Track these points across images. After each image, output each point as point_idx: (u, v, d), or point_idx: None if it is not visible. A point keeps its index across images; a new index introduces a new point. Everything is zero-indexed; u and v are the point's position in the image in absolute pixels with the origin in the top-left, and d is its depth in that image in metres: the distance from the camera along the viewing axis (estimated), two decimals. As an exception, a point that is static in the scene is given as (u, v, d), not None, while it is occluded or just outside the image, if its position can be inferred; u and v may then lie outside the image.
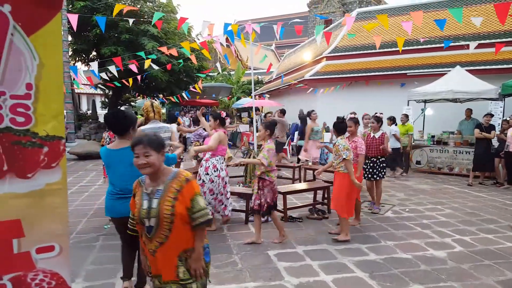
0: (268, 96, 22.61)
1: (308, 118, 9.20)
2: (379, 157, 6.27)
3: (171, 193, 2.10)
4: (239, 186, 7.12)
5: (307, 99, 15.81)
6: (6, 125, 1.34)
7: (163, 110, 23.02)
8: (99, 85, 17.03)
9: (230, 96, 24.87)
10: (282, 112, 10.85)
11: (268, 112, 13.14)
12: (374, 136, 6.32)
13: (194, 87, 14.12)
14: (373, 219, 5.90)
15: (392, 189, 8.21)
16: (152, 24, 7.90)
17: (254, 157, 7.07)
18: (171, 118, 9.46)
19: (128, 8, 6.88)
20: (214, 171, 5.08)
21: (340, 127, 5.00)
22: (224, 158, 5.29)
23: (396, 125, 9.55)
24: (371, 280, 3.72)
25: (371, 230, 5.34)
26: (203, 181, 5.09)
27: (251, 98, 8.84)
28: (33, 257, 1.43)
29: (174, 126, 7.99)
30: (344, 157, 4.76)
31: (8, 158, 1.31)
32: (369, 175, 6.27)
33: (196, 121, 9.14)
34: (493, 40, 12.12)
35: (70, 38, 15.26)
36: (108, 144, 5.41)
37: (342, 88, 14.42)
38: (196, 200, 2.13)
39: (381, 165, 6.27)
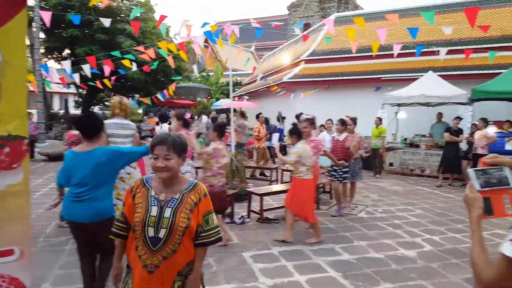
0: (247, 97, 22.65)
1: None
2: (346, 160, 6.22)
3: (188, 205, 1.91)
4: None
5: (286, 102, 15.92)
6: (-34, 124, 1.29)
7: (140, 111, 22.67)
8: (72, 85, 16.55)
9: (208, 98, 24.75)
10: (242, 114, 11.03)
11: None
12: (338, 138, 6.31)
13: (168, 90, 13.95)
14: (346, 219, 6.00)
15: (366, 190, 8.38)
16: (131, 18, 7.70)
17: (232, 159, 7.06)
18: (163, 118, 9.28)
19: (106, 3, 6.73)
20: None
21: (295, 132, 4.92)
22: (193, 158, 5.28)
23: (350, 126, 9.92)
24: (344, 280, 3.78)
25: (345, 230, 5.43)
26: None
27: (230, 99, 8.81)
28: (-8, 260, 1.38)
29: (165, 126, 7.84)
30: (287, 159, 4.81)
31: (-32, 158, 1.27)
32: (338, 178, 6.25)
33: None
34: (463, 47, 12.56)
35: (42, 36, 14.79)
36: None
37: (321, 91, 14.60)
38: (212, 217, 1.99)
39: (343, 169, 6.18)
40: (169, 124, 8.57)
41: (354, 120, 6.79)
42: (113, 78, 9.13)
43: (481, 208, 1.31)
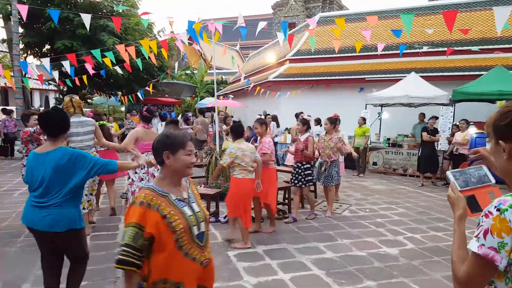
0: (232, 96, 22.61)
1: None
2: (304, 163, 5.86)
3: (197, 196, 2.00)
4: (201, 186, 7.04)
5: (271, 101, 15.97)
6: None
7: (122, 108, 22.33)
8: (50, 82, 16.14)
9: (193, 96, 24.58)
10: (201, 112, 11.36)
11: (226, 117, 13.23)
12: (300, 139, 5.99)
13: (149, 87, 13.82)
14: (331, 218, 6.05)
15: (349, 189, 8.47)
16: (113, 13, 7.57)
17: (216, 158, 7.02)
18: (160, 118, 9.26)
19: None
20: (141, 168, 4.88)
21: (237, 130, 4.77)
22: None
23: (321, 126, 10.03)
24: (327, 278, 3.81)
25: (329, 229, 5.48)
26: (132, 179, 5.01)
27: (215, 98, 8.77)
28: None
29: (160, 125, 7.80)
30: (221, 162, 4.73)
31: None
32: (295, 181, 5.94)
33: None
34: (445, 48, 12.86)
35: (21, 30, 14.37)
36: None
37: (305, 90, 14.70)
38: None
39: (305, 172, 5.84)
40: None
41: (332, 120, 6.32)
42: (92, 72, 8.93)
43: (463, 208, 1.36)
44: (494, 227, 1.10)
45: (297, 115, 9.19)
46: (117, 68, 9.65)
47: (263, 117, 7.33)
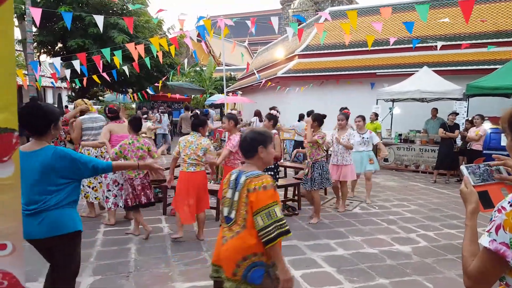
0: (241, 93, 22.58)
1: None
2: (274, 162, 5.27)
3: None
4: (210, 182, 7.06)
5: (280, 97, 15.91)
6: (-47, 116, 1.24)
7: (133, 106, 22.53)
8: (61, 80, 16.35)
9: (202, 93, 24.66)
10: (187, 108, 11.69)
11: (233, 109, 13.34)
12: None
13: (158, 83, 13.96)
14: (341, 215, 6.00)
15: (360, 186, 8.39)
16: (123, 11, 7.60)
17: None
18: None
19: None
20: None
21: (193, 123, 4.86)
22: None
23: (299, 121, 10.24)
24: (338, 275, 3.78)
25: (340, 225, 5.44)
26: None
27: (224, 94, 8.77)
28: (-18, 257, 1.33)
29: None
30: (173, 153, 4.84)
31: (-45, 152, 1.22)
32: None
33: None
34: (459, 42, 12.62)
35: (34, 29, 14.57)
36: None
37: (315, 86, 14.60)
38: None
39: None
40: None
41: (316, 117, 5.62)
42: (101, 71, 9.04)
43: (475, 203, 1.34)
44: (507, 222, 1.08)
45: (308, 114, 9.10)
46: (125, 68, 9.73)
47: (232, 112, 7.22)
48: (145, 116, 12.28)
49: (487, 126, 8.75)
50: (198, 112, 12.54)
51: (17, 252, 1.37)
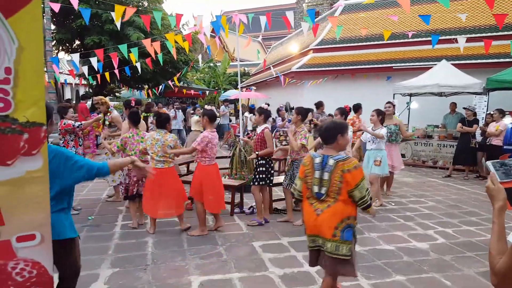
0: (255, 88, 22.54)
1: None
2: (259, 158, 5.17)
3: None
4: (225, 178, 7.11)
5: (294, 92, 15.83)
6: (-16, 111, 1.29)
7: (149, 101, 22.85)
8: (78, 76, 16.68)
9: (216, 89, 24.75)
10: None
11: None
12: (256, 131, 5.39)
13: (172, 80, 14.09)
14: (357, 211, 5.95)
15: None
16: (139, 8, 7.68)
17: (240, 150, 7.03)
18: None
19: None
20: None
21: (158, 120, 4.90)
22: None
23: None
24: (355, 271, 3.76)
25: (356, 221, 5.40)
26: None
27: (238, 90, 8.78)
28: (13, 245, 1.39)
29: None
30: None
31: (-13, 145, 1.27)
32: (257, 179, 5.25)
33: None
34: (479, 35, 12.32)
35: (52, 27, 14.87)
36: None
37: (329, 80, 14.47)
38: None
39: (258, 168, 5.17)
40: None
41: (300, 110, 5.36)
42: (117, 67, 9.18)
43: (503, 200, 1.32)
44: None
45: (317, 105, 9.01)
46: (137, 64, 9.83)
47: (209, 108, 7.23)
48: (192, 111, 12.42)
49: (507, 120, 8.52)
50: (213, 108, 12.59)
51: (45, 242, 1.42)
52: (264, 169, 5.16)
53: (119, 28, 7.84)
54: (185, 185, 5.30)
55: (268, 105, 5.69)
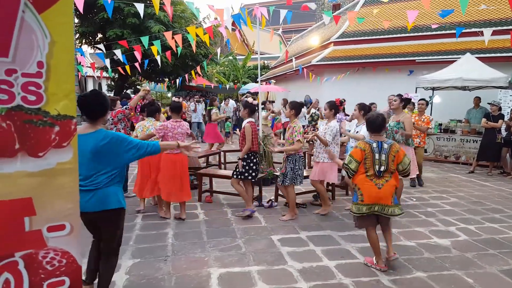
0: (274, 81, 22.45)
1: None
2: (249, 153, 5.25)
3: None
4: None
5: (313, 85, 15.68)
6: (18, 103, 1.34)
7: (169, 95, 23.06)
8: (102, 69, 16.96)
9: (236, 83, 24.77)
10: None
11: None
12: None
13: (190, 74, 14.22)
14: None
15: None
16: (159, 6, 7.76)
17: (260, 143, 7.03)
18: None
19: None
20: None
21: (149, 110, 5.50)
22: None
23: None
24: (374, 267, 3.74)
25: (376, 217, 5.34)
26: None
27: (257, 83, 8.76)
28: (44, 235, 1.44)
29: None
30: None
31: (20, 137, 1.32)
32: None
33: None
34: (505, 27, 11.88)
35: (76, 21, 15.17)
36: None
37: (351, 74, 14.26)
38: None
39: (243, 162, 5.25)
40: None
41: (294, 105, 5.24)
42: (140, 59, 9.29)
43: None
44: None
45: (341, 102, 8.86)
46: (158, 58, 9.93)
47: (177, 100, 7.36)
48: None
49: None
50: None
51: (74, 232, 1.47)
52: (244, 163, 5.25)
53: (141, 18, 7.92)
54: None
55: (254, 99, 5.69)
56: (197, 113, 13.64)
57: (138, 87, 21.01)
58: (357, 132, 5.37)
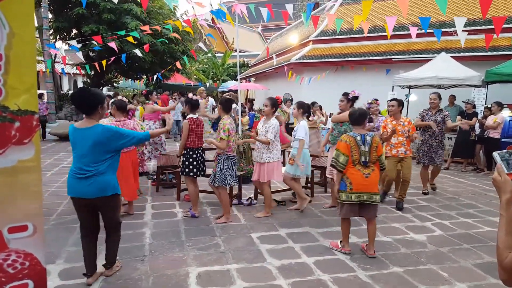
0: (254, 79, 22.42)
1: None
2: (188, 149, 5.06)
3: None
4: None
5: (293, 84, 15.73)
6: (-26, 98, 1.25)
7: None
8: (78, 65, 16.53)
9: (215, 80, 24.62)
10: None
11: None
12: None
13: (168, 70, 14.09)
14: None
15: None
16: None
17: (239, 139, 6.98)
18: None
19: None
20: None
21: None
22: None
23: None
24: (352, 263, 3.77)
25: (354, 213, 5.39)
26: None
27: (237, 81, 8.70)
28: (5, 237, 1.36)
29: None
30: None
31: (-23, 134, 1.24)
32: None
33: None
34: (478, 27, 12.22)
35: (50, 16, 14.71)
36: None
37: (331, 72, 14.38)
38: None
39: (183, 158, 5.10)
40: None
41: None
42: (117, 52, 9.07)
43: (510, 192, 1.27)
44: None
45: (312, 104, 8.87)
46: (137, 51, 9.73)
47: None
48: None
49: (506, 113, 8.51)
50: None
51: (38, 233, 1.40)
52: (184, 159, 5.05)
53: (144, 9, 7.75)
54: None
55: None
56: (175, 110, 13.46)
57: (114, 84, 20.56)
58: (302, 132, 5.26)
